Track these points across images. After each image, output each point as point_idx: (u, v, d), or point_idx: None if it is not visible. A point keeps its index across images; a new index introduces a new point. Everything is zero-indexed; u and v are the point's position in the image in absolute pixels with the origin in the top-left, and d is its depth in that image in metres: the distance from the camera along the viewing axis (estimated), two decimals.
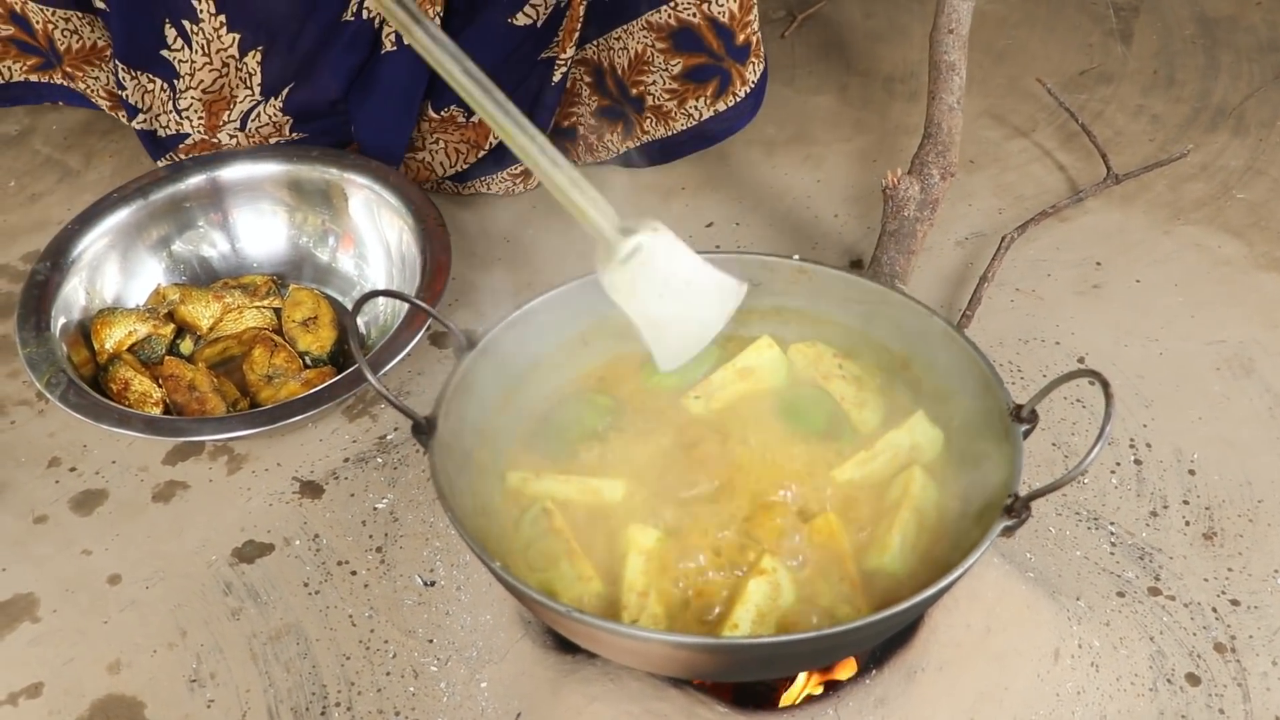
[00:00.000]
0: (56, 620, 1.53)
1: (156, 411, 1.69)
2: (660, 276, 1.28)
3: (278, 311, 1.86)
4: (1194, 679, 1.41)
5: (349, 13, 1.92)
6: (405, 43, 1.92)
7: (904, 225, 1.81)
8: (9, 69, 2.03)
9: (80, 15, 1.95)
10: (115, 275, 1.85)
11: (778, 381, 1.40)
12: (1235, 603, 1.49)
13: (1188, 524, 1.58)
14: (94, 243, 1.83)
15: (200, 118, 1.97)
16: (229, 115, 1.98)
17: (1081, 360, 1.80)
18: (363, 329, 1.86)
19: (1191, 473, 1.64)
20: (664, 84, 1.98)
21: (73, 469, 1.71)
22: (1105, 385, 1.14)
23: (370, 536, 1.60)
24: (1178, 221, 2.05)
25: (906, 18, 2.59)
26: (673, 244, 1.28)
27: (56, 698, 1.44)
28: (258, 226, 1.95)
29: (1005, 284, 1.93)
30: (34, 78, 2.06)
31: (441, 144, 2.04)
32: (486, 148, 2.04)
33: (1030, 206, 2.08)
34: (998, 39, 2.53)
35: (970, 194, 2.13)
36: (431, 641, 1.47)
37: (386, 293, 1.33)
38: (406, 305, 1.69)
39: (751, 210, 2.11)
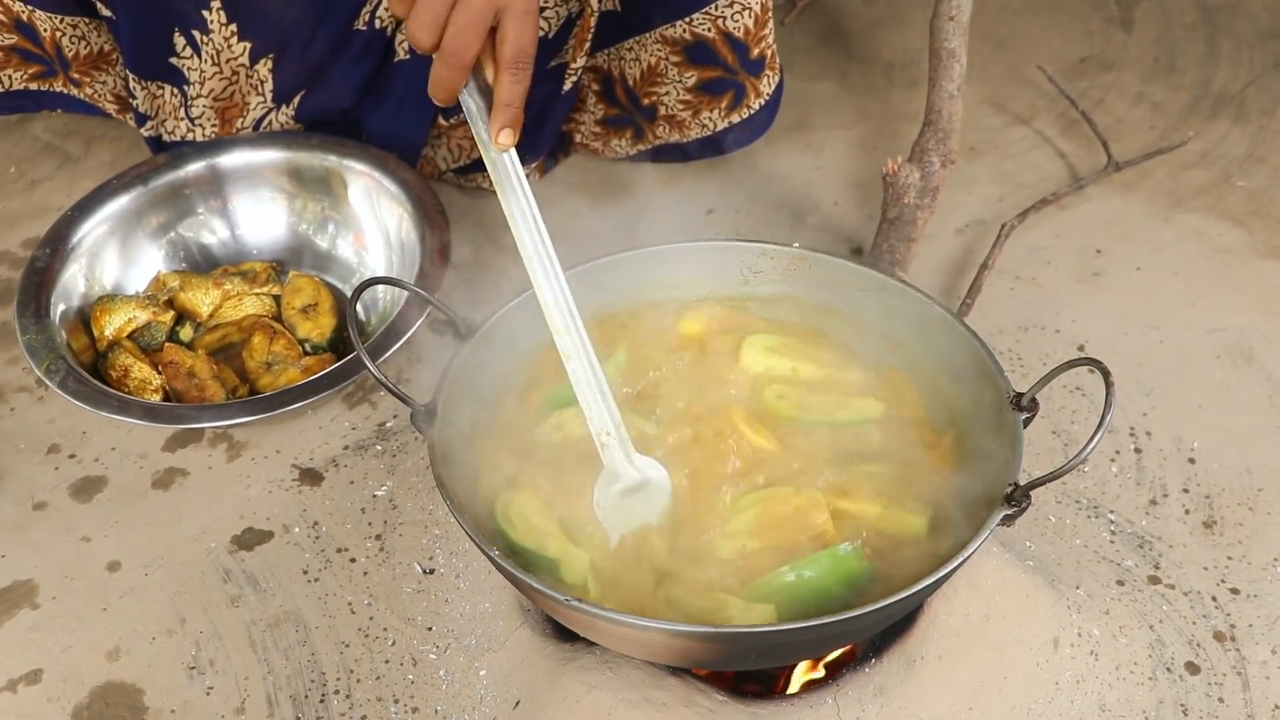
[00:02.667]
0: (56, 607, 1.53)
1: (156, 398, 1.69)
2: (655, 509, 1.29)
3: (277, 298, 1.86)
4: (1193, 668, 1.41)
5: (360, 22, 1.91)
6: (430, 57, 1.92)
7: (904, 213, 1.81)
8: (9, 77, 2.03)
9: (87, 21, 1.94)
10: (115, 262, 1.85)
11: None
12: (1235, 591, 1.49)
13: (1187, 512, 1.58)
14: (94, 229, 1.83)
15: (214, 125, 1.97)
16: (243, 122, 1.97)
17: (1081, 348, 1.80)
18: (362, 316, 1.86)
19: (1191, 461, 1.64)
20: (677, 95, 1.97)
21: (72, 456, 1.71)
22: (1106, 374, 1.14)
23: (369, 524, 1.60)
24: (1178, 209, 2.05)
25: (907, 4, 2.58)
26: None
27: (56, 684, 1.44)
28: (257, 213, 1.95)
29: (1005, 272, 1.92)
30: (34, 85, 2.05)
31: (445, 139, 2.04)
32: None
33: (1031, 194, 2.08)
34: (998, 26, 2.52)
35: (970, 181, 2.13)
36: (430, 629, 1.47)
37: (385, 280, 1.33)
38: (406, 292, 1.69)
39: (752, 197, 2.10)
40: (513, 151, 1.28)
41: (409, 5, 1.28)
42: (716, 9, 1.83)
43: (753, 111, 1.98)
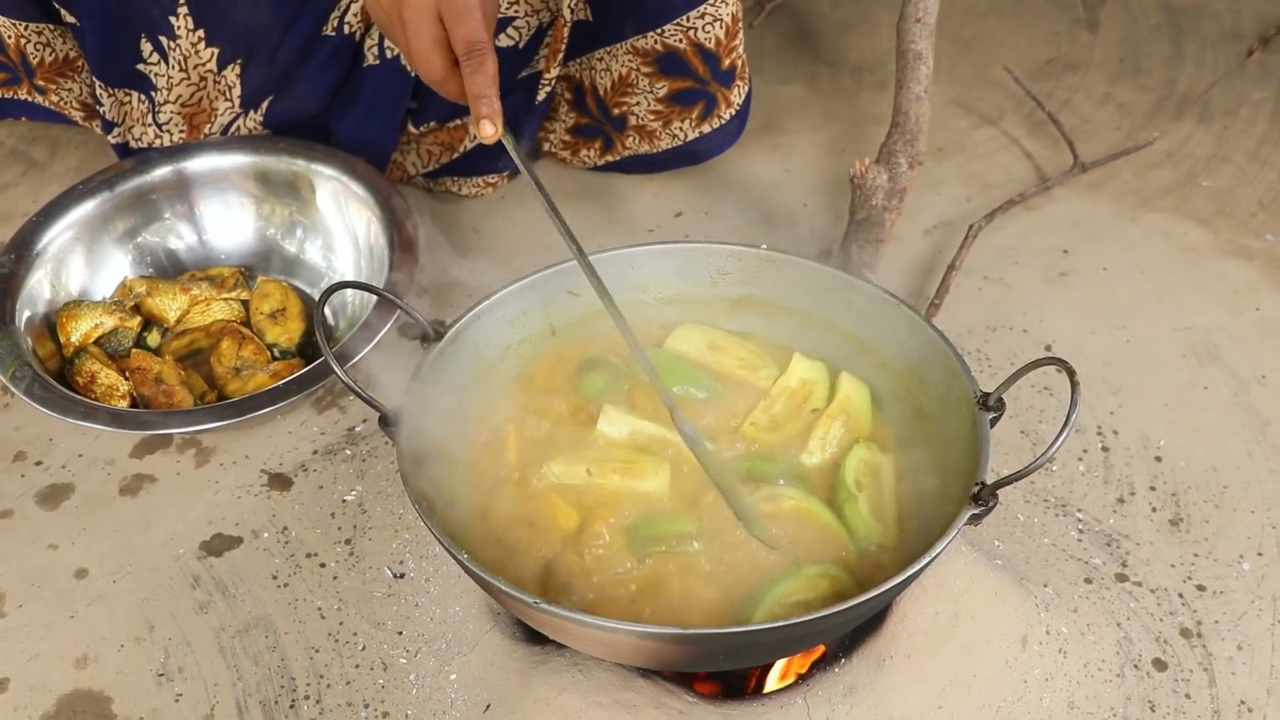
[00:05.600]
0: (22, 615, 1.52)
1: (123, 404, 1.68)
2: None
3: (245, 303, 1.85)
4: (1161, 664, 1.42)
5: (329, 27, 1.90)
6: (397, 61, 1.92)
7: (872, 214, 1.82)
8: None
9: (52, 28, 1.93)
10: (81, 268, 1.84)
11: None
12: (1201, 588, 1.50)
13: (1154, 510, 1.59)
14: (59, 235, 1.81)
15: (182, 131, 1.96)
16: (210, 128, 1.96)
17: (1049, 348, 1.81)
18: (331, 320, 1.85)
19: (1158, 459, 1.65)
20: (648, 105, 1.97)
21: (39, 463, 1.70)
22: (1071, 373, 1.14)
23: (339, 529, 1.60)
24: (1144, 209, 2.06)
25: (874, 7, 2.59)
26: None
27: (22, 693, 1.43)
28: (225, 218, 1.94)
29: (973, 272, 1.93)
30: None
31: (415, 145, 2.03)
32: (460, 150, 2.03)
33: (998, 195, 2.09)
34: (965, 28, 2.53)
35: (938, 183, 2.14)
36: (401, 633, 1.47)
37: (353, 284, 1.33)
38: (375, 296, 1.69)
39: (720, 200, 2.11)
40: (509, 138, 1.33)
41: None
42: (688, 20, 1.83)
43: (723, 121, 1.98)
